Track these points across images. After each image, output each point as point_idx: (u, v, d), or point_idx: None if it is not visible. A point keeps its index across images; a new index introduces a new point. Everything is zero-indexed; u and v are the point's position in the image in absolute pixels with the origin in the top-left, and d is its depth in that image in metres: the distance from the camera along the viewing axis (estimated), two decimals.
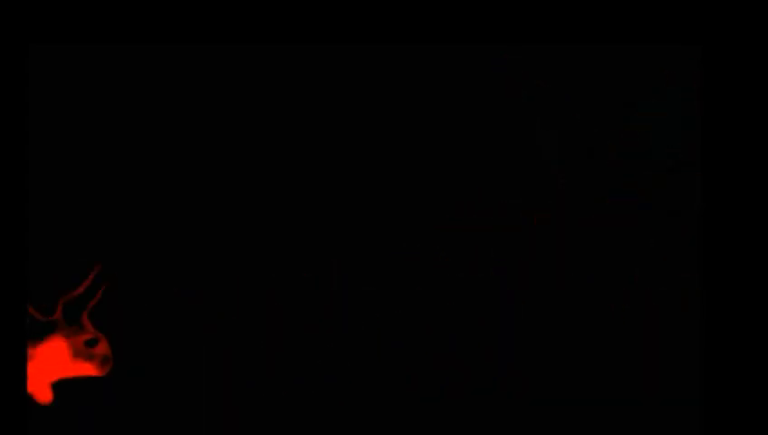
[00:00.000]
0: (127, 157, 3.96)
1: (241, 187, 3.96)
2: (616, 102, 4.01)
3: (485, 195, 3.97)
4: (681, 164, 3.96)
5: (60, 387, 3.55)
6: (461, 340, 3.77)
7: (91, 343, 3.36)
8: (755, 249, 3.40)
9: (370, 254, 3.86)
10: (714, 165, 3.48)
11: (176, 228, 3.91)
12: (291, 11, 3.91)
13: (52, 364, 3.38)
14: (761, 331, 3.34)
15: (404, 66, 3.99)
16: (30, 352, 3.37)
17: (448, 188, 3.97)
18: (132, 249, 3.89)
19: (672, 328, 3.77)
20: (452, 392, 3.59)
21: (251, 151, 3.98)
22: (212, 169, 3.97)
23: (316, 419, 3.44)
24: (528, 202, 3.96)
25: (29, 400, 3.40)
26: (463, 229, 3.94)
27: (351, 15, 3.91)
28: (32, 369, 3.37)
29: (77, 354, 3.36)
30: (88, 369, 3.37)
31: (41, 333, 3.38)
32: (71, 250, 3.87)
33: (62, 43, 3.87)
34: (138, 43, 3.90)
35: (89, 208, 3.92)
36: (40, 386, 3.41)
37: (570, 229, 3.93)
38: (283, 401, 3.51)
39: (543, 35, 3.92)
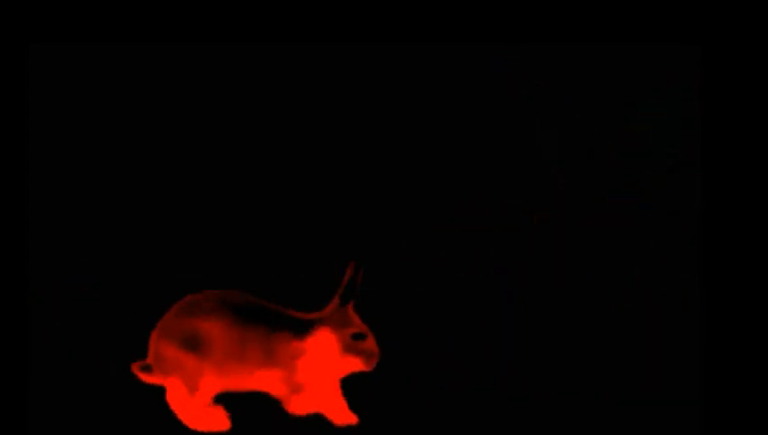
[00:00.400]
0: (127, 157, 3.96)
1: (241, 187, 3.96)
2: (616, 102, 4.01)
3: (485, 195, 3.97)
4: (681, 164, 3.97)
5: (60, 387, 3.55)
6: (461, 340, 3.77)
7: (358, 338, 3.34)
8: (755, 249, 3.40)
9: (370, 254, 3.86)
10: (714, 165, 3.49)
11: (175, 228, 3.91)
12: (291, 11, 3.92)
13: (321, 360, 3.34)
14: (761, 331, 3.34)
15: (404, 66, 3.99)
16: (299, 347, 3.35)
17: (448, 188, 3.97)
18: (132, 249, 3.89)
19: (672, 328, 3.77)
20: (452, 392, 3.59)
21: (251, 151, 3.98)
22: (212, 169, 3.97)
23: (316, 418, 3.44)
24: (528, 202, 3.96)
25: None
26: (463, 229, 3.94)
27: (351, 15, 3.92)
28: (302, 364, 3.35)
29: (346, 349, 3.34)
30: (356, 364, 3.34)
31: (309, 328, 3.36)
32: (71, 250, 3.87)
33: (62, 43, 3.88)
34: (138, 43, 3.90)
35: (89, 209, 3.92)
36: (310, 382, 3.38)
37: (570, 229, 3.94)
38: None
39: (543, 35, 3.93)
